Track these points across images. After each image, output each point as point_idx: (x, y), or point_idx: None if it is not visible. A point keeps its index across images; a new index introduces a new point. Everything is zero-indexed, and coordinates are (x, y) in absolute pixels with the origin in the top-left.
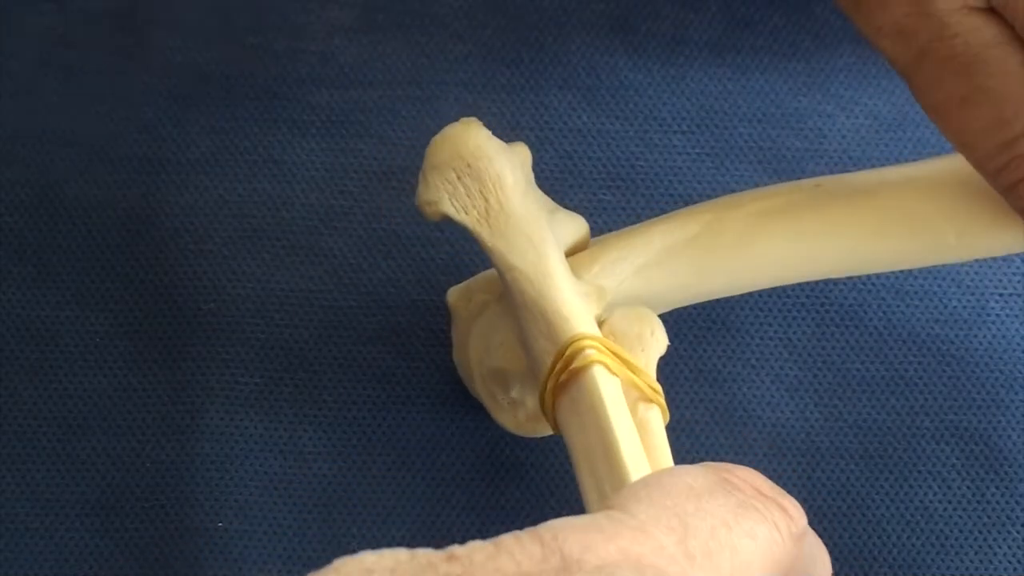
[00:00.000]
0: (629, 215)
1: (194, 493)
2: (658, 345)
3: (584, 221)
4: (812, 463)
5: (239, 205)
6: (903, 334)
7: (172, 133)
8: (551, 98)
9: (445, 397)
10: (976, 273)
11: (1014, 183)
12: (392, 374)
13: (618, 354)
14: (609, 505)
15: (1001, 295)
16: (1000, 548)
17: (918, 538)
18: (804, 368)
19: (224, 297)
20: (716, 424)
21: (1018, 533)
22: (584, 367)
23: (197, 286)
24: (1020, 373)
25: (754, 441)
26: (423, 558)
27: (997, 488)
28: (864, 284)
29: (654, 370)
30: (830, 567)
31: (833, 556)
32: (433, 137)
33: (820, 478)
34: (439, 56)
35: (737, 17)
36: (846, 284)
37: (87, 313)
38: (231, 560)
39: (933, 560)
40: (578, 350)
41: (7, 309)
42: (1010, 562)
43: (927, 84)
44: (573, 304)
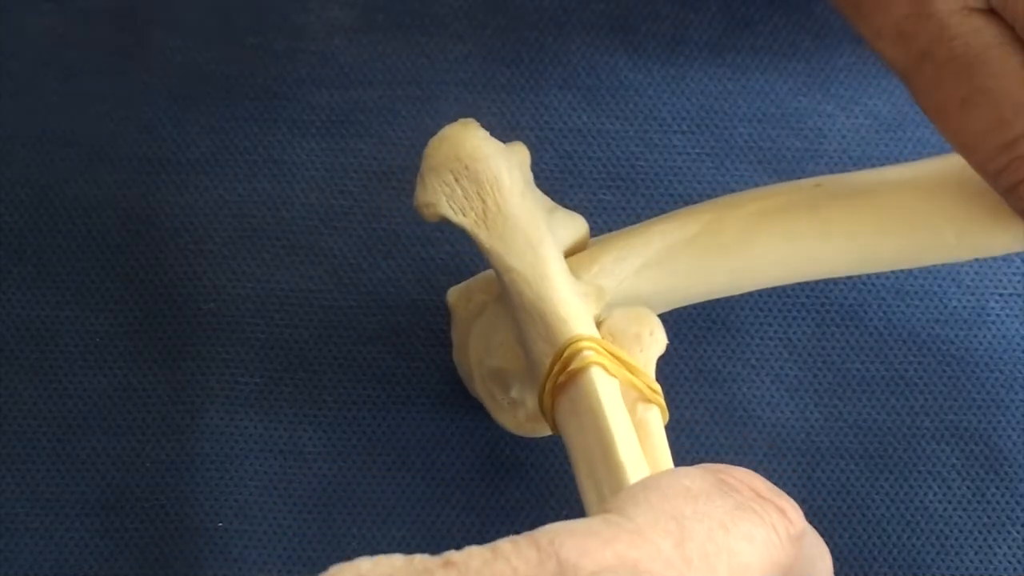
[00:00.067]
0: (629, 215)
1: (194, 493)
2: (657, 345)
3: (583, 220)
4: (812, 463)
5: (239, 205)
6: (903, 334)
7: (172, 133)
8: (551, 98)
9: (445, 397)
10: (976, 273)
11: (1014, 184)
12: (392, 374)
13: (616, 355)
14: (607, 508)
15: (1001, 295)
16: (1000, 548)
17: (918, 538)
18: (804, 368)
19: (224, 297)
20: (716, 424)
21: (1018, 533)
22: (582, 369)
23: (197, 286)
24: (1020, 373)
25: (754, 441)
26: (419, 564)
27: (997, 488)
28: (864, 284)
29: (653, 370)
30: (831, 566)
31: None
32: (431, 138)
33: (820, 478)
34: (439, 56)
35: (737, 17)
36: (846, 284)
37: (87, 313)
38: (231, 560)
39: (933, 560)
40: (576, 352)
41: (7, 309)
42: (1010, 562)
43: (927, 86)
44: (571, 305)
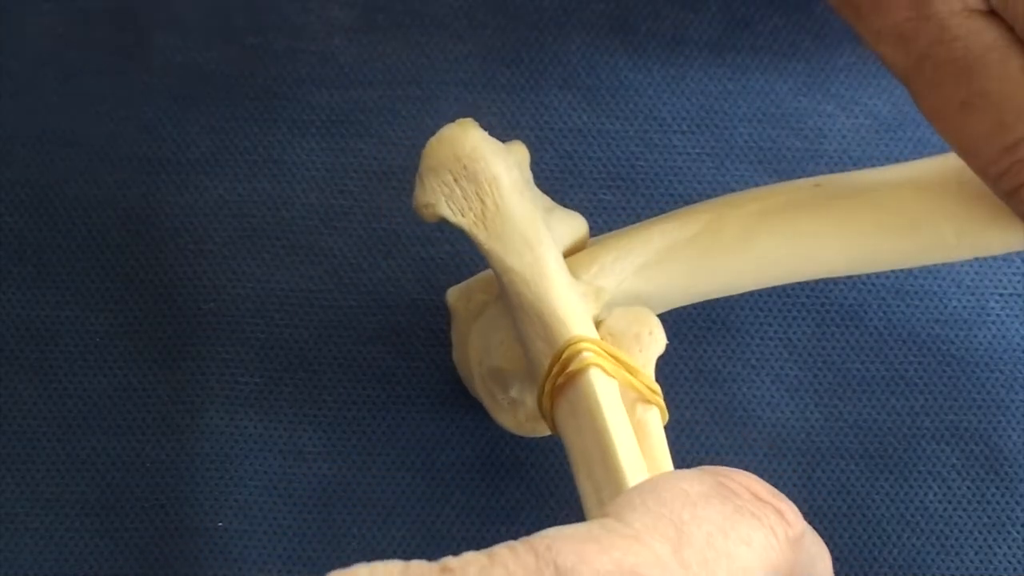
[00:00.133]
0: (629, 215)
1: (194, 493)
2: (656, 345)
3: (583, 220)
4: (812, 463)
5: (239, 205)
6: (903, 334)
7: (172, 133)
8: (551, 98)
9: (445, 397)
10: (976, 273)
11: (1015, 188)
12: (392, 374)
13: (615, 355)
14: (605, 513)
15: (1001, 295)
16: (1000, 548)
17: (918, 538)
18: (804, 368)
19: (224, 297)
20: (716, 424)
21: (1018, 533)
22: (581, 370)
23: (197, 286)
24: (1020, 373)
25: (754, 441)
26: (416, 570)
27: (997, 488)
28: (864, 284)
29: (652, 370)
30: (831, 566)
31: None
32: (429, 139)
33: (820, 478)
34: (439, 56)
35: (737, 17)
36: (846, 284)
37: (87, 313)
38: (231, 560)
39: (933, 560)
40: (575, 353)
41: (7, 309)
42: (1010, 562)
43: (927, 88)
44: (570, 306)
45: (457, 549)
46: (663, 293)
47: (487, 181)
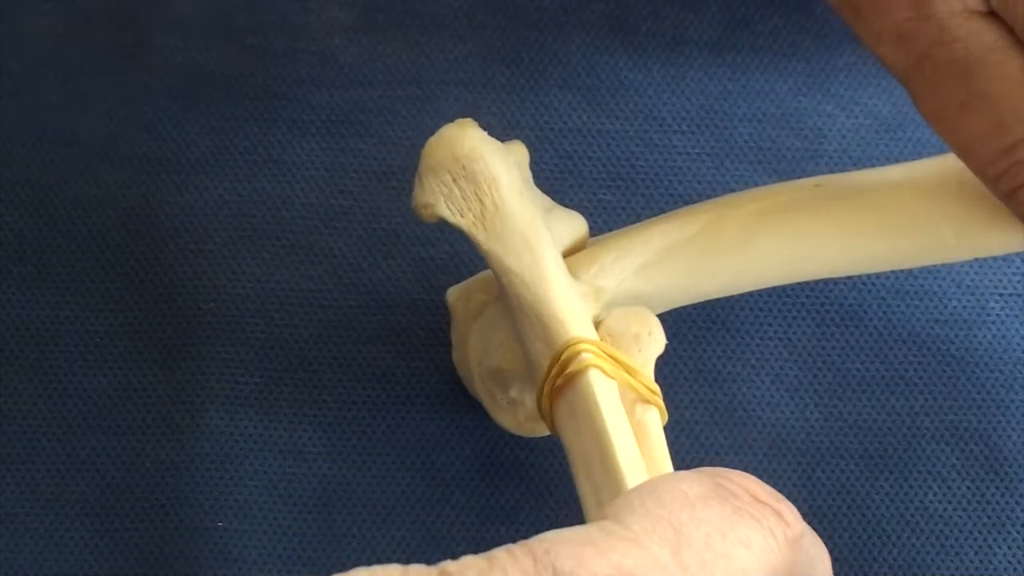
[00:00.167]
0: (629, 215)
1: (194, 493)
2: (656, 345)
3: (583, 219)
4: (812, 463)
5: (239, 205)
6: (903, 334)
7: (172, 133)
8: (551, 98)
9: (445, 397)
10: (976, 273)
11: (1014, 189)
12: (392, 374)
13: (615, 356)
14: (603, 515)
15: (1001, 295)
16: (1000, 548)
17: (918, 538)
18: (804, 368)
19: (224, 297)
20: (716, 424)
21: (1018, 533)
22: (580, 371)
23: (197, 286)
24: (1020, 373)
25: (754, 441)
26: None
27: (997, 488)
28: (864, 284)
29: (652, 370)
30: (830, 566)
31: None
32: (428, 139)
33: (820, 478)
34: (439, 56)
35: (737, 17)
36: (846, 284)
37: (87, 313)
38: (231, 560)
39: (933, 560)
40: (574, 354)
41: (7, 309)
42: (1010, 562)
43: (926, 89)
44: (569, 307)
45: (457, 549)
46: (663, 293)
47: (486, 181)
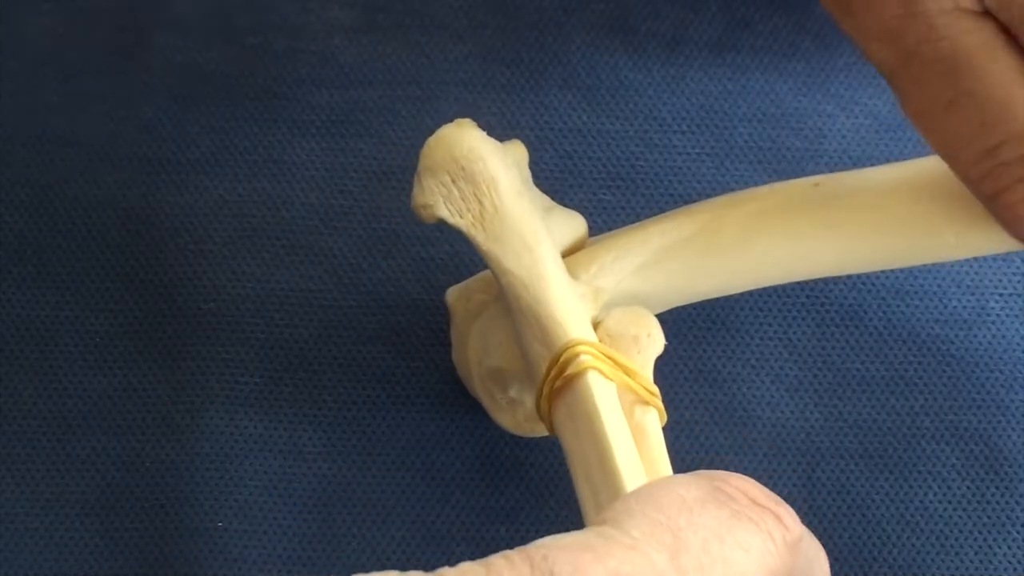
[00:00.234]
0: (629, 215)
1: (194, 493)
2: (655, 346)
3: (582, 219)
4: (812, 463)
5: (239, 205)
6: (903, 334)
7: (172, 133)
8: (551, 98)
9: (445, 397)
10: (976, 273)
11: (996, 192)
12: (392, 374)
13: (613, 358)
14: (602, 520)
15: (1001, 295)
16: (1000, 548)
17: (918, 538)
18: (804, 368)
19: (224, 297)
20: (716, 424)
21: (1018, 533)
22: (579, 373)
23: (197, 286)
24: (1020, 373)
25: (754, 441)
26: None
27: (997, 488)
28: (864, 284)
29: (651, 371)
30: (828, 569)
31: (833, 556)
32: (427, 139)
33: (820, 478)
34: (439, 56)
35: (737, 17)
36: (846, 284)
37: (87, 313)
38: (231, 560)
39: (933, 560)
40: (573, 356)
41: (7, 309)
42: (1010, 562)
43: (912, 87)
44: (568, 308)
45: (457, 549)
46: (662, 293)
47: (485, 182)
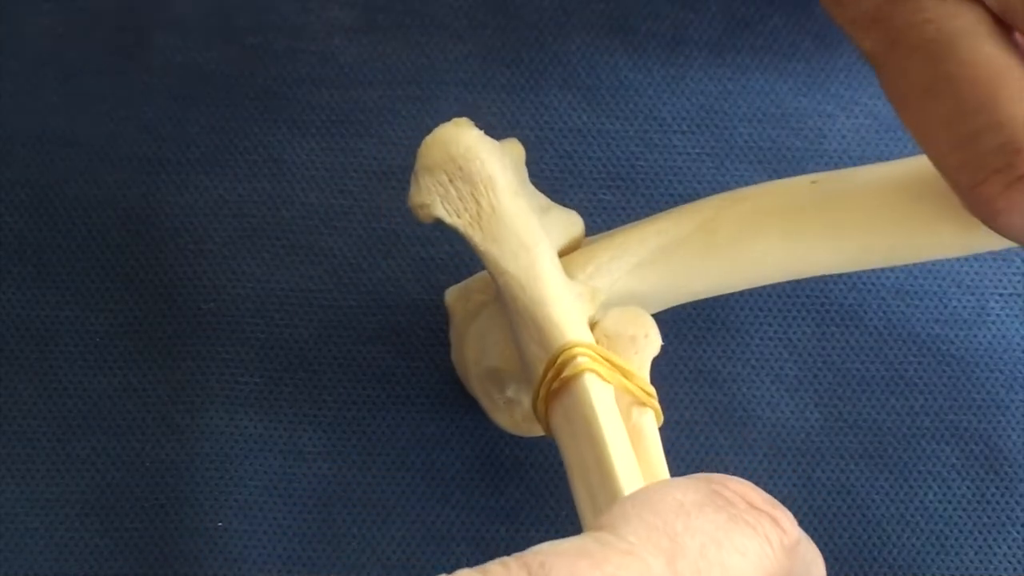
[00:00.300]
0: (629, 215)
1: (194, 493)
2: (652, 347)
3: (579, 218)
4: (812, 463)
5: (239, 205)
6: (903, 334)
7: (172, 133)
8: (551, 98)
9: (445, 397)
10: (976, 273)
11: (973, 184)
12: (392, 374)
13: (611, 360)
14: (599, 525)
15: (1001, 295)
16: (1000, 548)
17: (918, 538)
18: (804, 368)
19: (224, 297)
20: (716, 424)
21: (1018, 533)
22: (575, 376)
23: (197, 286)
24: (1020, 373)
25: (754, 441)
26: None
27: (997, 488)
28: (864, 284)
29: (647, 372)
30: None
31: (833, 556)
32: (424, 138)
33: (820, 478)
34: (439, 56)
35: (737, 17)
36: (846, 284)
37: (87, 313)
38: (231, 560)
39: (933, 560)
40: (569, 358)
41: (7, 309)
42: (1010, 562)
43: (895, 72)
44: (565, 310)
45: (457, 549)
46: (659, 292)
47: (482, 182)
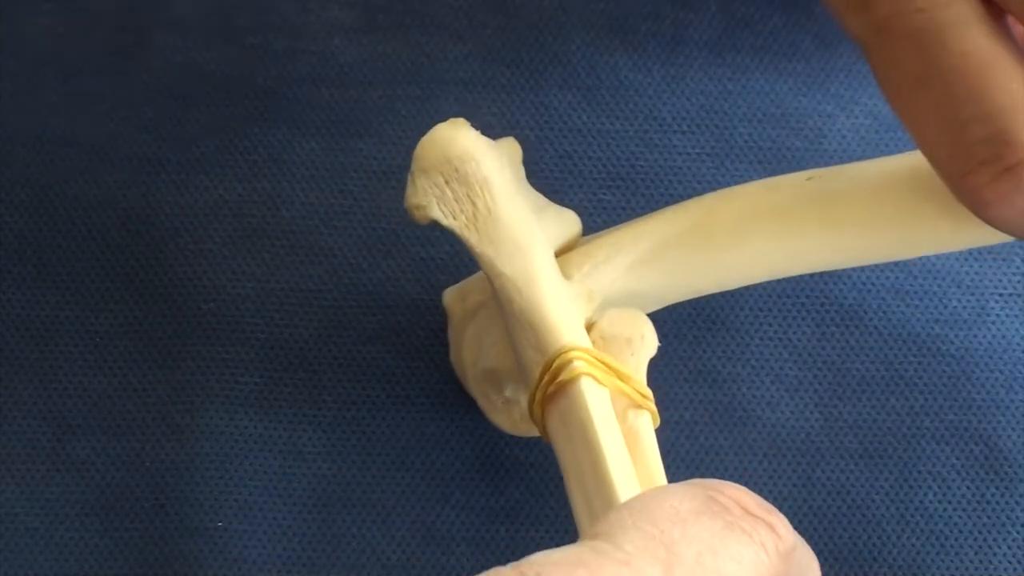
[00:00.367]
0: (629, 215)
1: (194, 493)
2: (648, 348)
3: (576, 217)
4: (812, 463)
5: (239, 205)
6: (903, 334)
7: (172, 133)
8: (551, 98)
9: (445, 397)
10: (976, 273)
11: (962, 174)
12: (392, 374)
13: (606, 363)
14: (594, 533)
15: (1001, 295)
16: (1000, 548)
17: (918, 538)
18: (804, 368)
19: (224, 297)
20: (716, 424)
21: (1018, 533)
22: (571, 379)
23: (197, 286)
24: (1020, 373)
25: (754, 441)
26: None
27: (997, 488)
28: (864, 284)
29: (644, 373)
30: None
31: (832, 556)
32: (421, 139)
33: (819, 478)
34: (439, 56)
35: (737, 17)
36: (846, 284)
37: (87, 313)
38: (231, 560)
39: (933, 560)
40: (566, 362)
41: (7, 309)
42: (1010, 562)
43: (886, 61)
44: (561, 313)
45: (457, 549)
46: (656, 290)
47: (478, 183)
